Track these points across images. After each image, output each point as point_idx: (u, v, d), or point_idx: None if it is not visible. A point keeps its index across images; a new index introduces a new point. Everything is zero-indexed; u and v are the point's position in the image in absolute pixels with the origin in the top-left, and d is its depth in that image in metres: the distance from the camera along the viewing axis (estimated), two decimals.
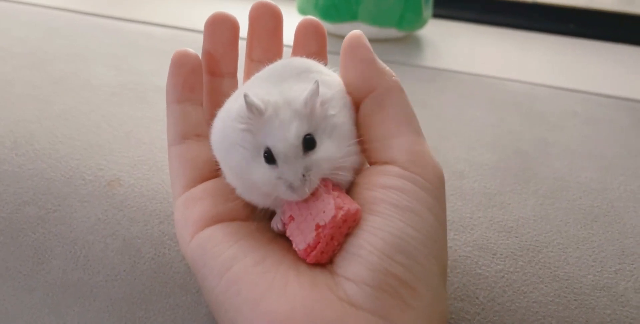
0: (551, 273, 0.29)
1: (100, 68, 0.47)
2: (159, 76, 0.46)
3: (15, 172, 0.34)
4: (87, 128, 0.38)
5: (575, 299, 0.28)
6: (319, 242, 0.22)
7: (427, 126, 0.41)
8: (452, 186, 0.34)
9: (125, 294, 0.29)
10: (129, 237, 0.31)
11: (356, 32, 0.26)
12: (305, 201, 0.23)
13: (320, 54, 0.29)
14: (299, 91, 0.23)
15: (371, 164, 0.25)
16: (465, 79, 0.50)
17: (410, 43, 0.57)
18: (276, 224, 0.25)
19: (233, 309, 0.21)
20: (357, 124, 0.26)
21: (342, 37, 0.57)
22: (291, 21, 0.33)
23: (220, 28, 0.28)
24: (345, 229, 0.22)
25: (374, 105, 0.25)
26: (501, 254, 0.30)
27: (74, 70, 0.46)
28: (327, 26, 0.55)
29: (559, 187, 0.35)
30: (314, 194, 0.23)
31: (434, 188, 0.24)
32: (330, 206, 0.22)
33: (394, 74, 0.26)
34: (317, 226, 0.22)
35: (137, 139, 0.37)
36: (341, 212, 0.22)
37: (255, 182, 0.23)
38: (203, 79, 0.28)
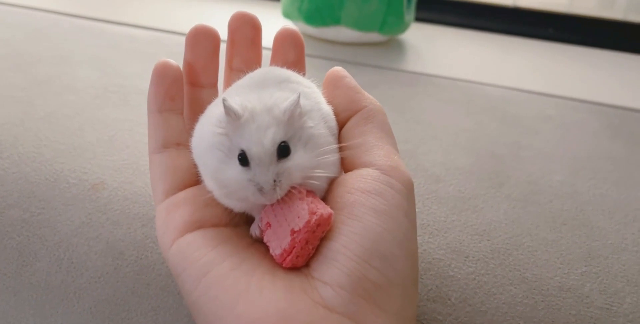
0: (520, 275, 0.30)
1: (83, 70, 0.47)
2: (142, 79, 0.46)
3: (0, 175, 0.35)
4: (70, 131, 0.38)
5: (542, 301, 0.29)
6: (295, 246, 0.23)
7: (405, 130, 0.42)
8: (428, 190, 0.35)
9: (109, 296, 0.30)
10: (112, 240, 0.31)
11: (338, 67, 0.29)
12: (281, 207, 0.24)
13: (298, 64, 0.29)
14: (279, 99, 0.24)
15: (351, 168, 0.26)
16: (444, 83, 0.51)
17: (393, 47, 0.58)
18: (254, 230, 0.25)
19: (210, 313, 0.22)
20: (342, 134, 0.27)
21: (325, 40, 0.58)
22: (276, 24, 0.33)
23: (202, 41, 0.28)
24: (319, 233, 0.23)
25: (360, 119, 0.27)
26: (473, 257, 0.31)
27: (57, 72, 0.47)
28: (310, 30, 0.56)
29: (531, 190, 0.36)
30: (287, 201, 0.24)
31: (409, 193, 0.25)
32: (304, 212, 0.23)
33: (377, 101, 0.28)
34: (292, 231, 0.23)
35: (120, 142, 0.38)
36: (315, 217, 0.23)
37: (227, 183, 0.24)
38: (184, 89, 0.28)
